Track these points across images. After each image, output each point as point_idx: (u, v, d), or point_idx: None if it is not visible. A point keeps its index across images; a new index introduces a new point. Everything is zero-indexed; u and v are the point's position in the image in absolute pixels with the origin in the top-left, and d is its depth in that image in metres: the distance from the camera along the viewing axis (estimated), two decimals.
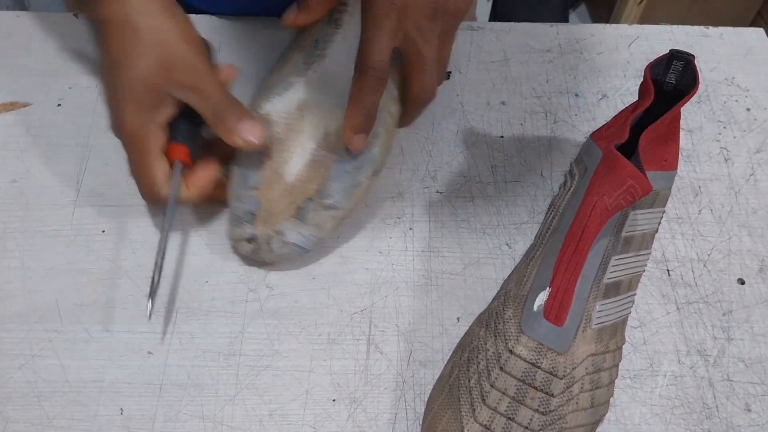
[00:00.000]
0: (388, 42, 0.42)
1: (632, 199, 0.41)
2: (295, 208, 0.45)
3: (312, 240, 0.46)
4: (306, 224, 0.45)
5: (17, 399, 0.43)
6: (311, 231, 0.45)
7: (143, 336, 0.46)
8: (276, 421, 0.43)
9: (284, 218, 0.45)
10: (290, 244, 0.45)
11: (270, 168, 0.45)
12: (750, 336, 0.48)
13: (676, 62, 0.47)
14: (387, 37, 0.41)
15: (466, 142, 0.56)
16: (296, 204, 0.45)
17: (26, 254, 0.49)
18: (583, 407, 0.41)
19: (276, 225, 0.45)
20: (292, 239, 0.45)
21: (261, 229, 0.45)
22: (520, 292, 0.43)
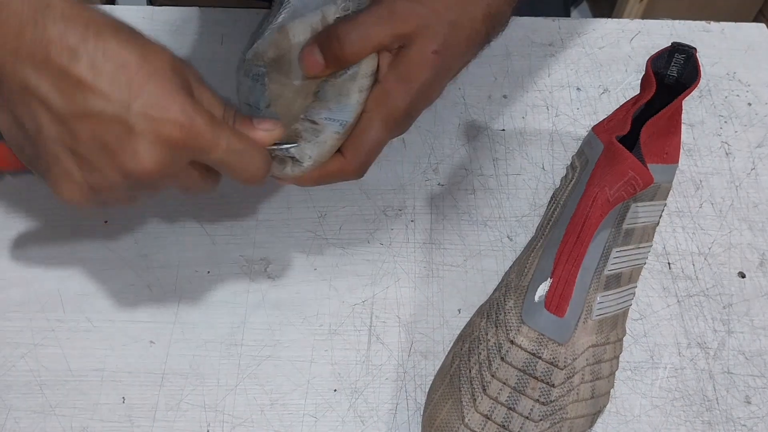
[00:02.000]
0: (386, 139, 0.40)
1: (633, 191, 0.41)
2: (312, 96, 0.42)
3: (341, 109, 0.41)
4: (328, 100, 0.41)
5: (19, 387, 0.44)
6: (336, 101, 0.41)
7: (145, 325, 0.46)
8: (277, 410, 0.43)
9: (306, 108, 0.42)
10: (323, 123, 0.41)
11: (274, 84, 0.43)
12: (750, 329, 0.48)
13: (678, 55, 0.47)
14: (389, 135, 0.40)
15: (468, 135, 0.56)
16: (312, 92, 0.42)
17: (29, 243, 0.49)
18: (584, 398, 0.41)
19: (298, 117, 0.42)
20: (322, 115, 0.41)
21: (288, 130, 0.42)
22: (521, 283, 0.43)
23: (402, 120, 0.40)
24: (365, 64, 0.40)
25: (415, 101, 0.40)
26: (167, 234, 0.50)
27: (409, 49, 0.39)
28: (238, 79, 0.44)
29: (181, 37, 0.60)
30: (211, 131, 0.34)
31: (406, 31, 0.38)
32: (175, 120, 0.33)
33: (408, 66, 0.39)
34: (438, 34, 0.38)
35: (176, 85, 0.33)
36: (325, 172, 0.41)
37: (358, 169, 0.41)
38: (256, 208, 0.51)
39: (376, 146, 0.40)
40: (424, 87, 0.39)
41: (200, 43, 0.60)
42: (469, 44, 0.40)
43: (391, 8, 0.39)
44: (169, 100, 0.33)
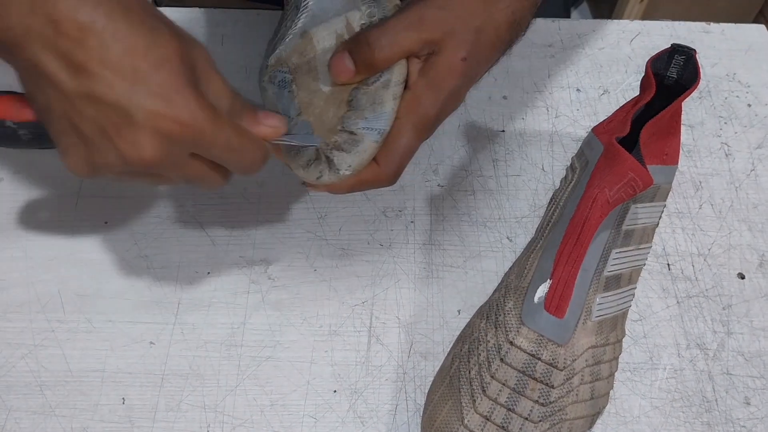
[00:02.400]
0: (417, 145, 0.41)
1: (633, 192, 0.41)
2: (345, 105, 0.42)
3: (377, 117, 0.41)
4: (363, 109, 0.41)
5: (20, 388, 0.44)
6: (371, 110, 0.41)
7: (145, 326, 0.46)
8: (277, 411, 0.43)
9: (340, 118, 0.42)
10: (361, 133, 0.40)
11: (303, 91, 0.43)
12: (749, 330, 0.48)
13: (678, 56, 0.47)
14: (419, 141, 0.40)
15: (468, 136, 0.56)
16: (344, 100, 0.42)
17: (29, 244, 0.49)
18: (583, 399, 0.41)
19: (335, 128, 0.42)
20: (359, 125, 0.40)
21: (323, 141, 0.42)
22: (520, 284, 0.43)
23: (432, 125, 0.41)
24: (397, 71, 0.40)
25: (444, 107, 0.40)
26: (167, 235, 0.50)
27: (438, 56, 0.39)
28: (261, 85, 0.44)
29: None
30: (212, 128, 0.34)
31: (435, 37, 0.39)
32: (176, 115, 0.32)
33: (437, 73, 0.39)
34: (465, 41, 0.39)
35: (182, 77, 0.33)
36: (360, 180, 0.41)
37: (391, 176, 0.41)
38: (256, 209, 0.51)
39: (408, 153, 0.41)
40: (452, 93, 0.40)
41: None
42: (493, 51, 0.41)
43: (421, 15, 0.39)
44: (172, 93, 0.32)
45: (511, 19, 0.41)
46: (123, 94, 0.31)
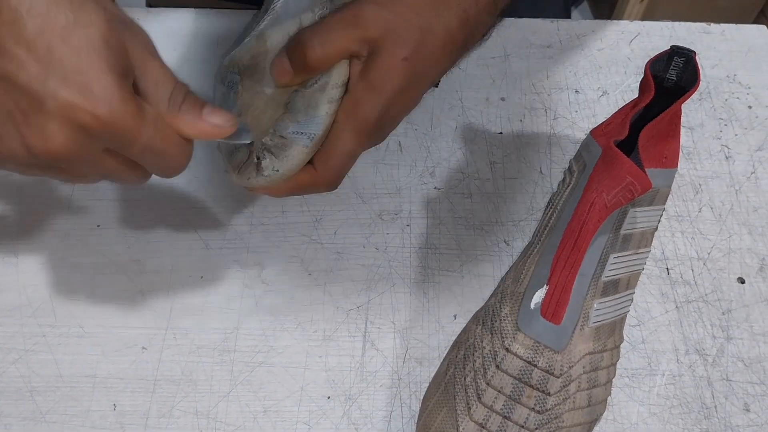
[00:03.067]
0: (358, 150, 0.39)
1: (631, 196, 0.40)
2: (283, 107, 0.41)
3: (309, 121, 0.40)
4: (297, 112, 0.40)
5: (10, 393, 0.43)
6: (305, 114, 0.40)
7: (137, 331, 0.46)
8: (270, 417, 0.43)
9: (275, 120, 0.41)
10: (290, 137, 0.39)
11: (246, 92, 0.42)
12: (749, 335, 0.47)
13: (677, 58, 0.46)
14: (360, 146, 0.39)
15: (465, 139, 0.56)
16: (283, 103, 0.41)
17: (21, 248, 0.49)
18: (580, 406, 0.40)
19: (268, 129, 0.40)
20: (290, 129, 0.39)
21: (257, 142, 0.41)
22: (517, 290, 0.42)
23: (374, 130, 0.39)
24: (335, 74, 0.38)
25: (386, 110, 0.38)
26: (160, 239, 0.49)
27: (377, 56, 0.37)
28: (214, 85, 0.43)
29: (177, 39, 0.60)
30: (132, 125, 0.30)
31: (371, 35, 0.37)
32: (93, 107, 0.29)
33: (377, 74, 0.37)
34: (408, 41, 0.37)
35: (105, 63, 0.29)
36: (296, 184, 0.40)
37: (329, 181, 0.40)
38: (250, 212, 0.51)
39: (347, 158, 0.39)
40: (395, 95, 0.38)
41: (196, 44, 0.60)
42: (444, 51, 0.39)
43: (356, 12, 0.37)
44: (91, 81, 0.29)
45: (463, 19, 0.39)
46: (35, 77, 0.28)
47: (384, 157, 0.54)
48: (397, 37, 0.37)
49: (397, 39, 0.37)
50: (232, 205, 0.51)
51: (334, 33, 0.37)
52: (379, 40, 0.37)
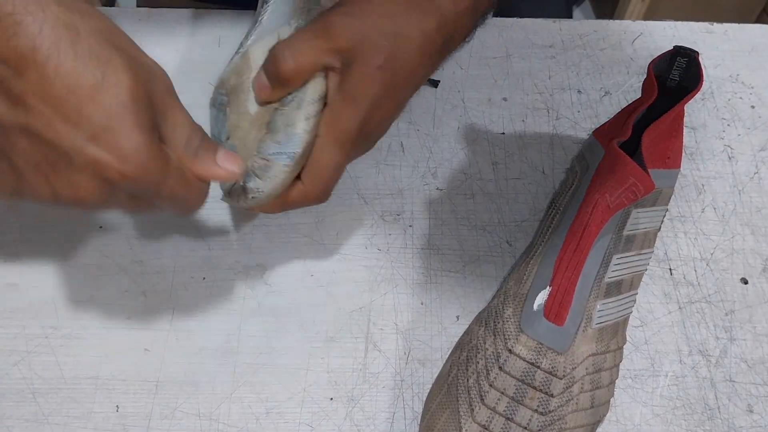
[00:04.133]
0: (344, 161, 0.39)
1: (634, 197, 0.40)
2: (265, 127, 0.41)
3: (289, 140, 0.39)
4: (277, 131, 0.40)
5: (12, 395, 0.43)
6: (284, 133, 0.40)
7: (139, 332, 0.46)
8: (273, 419, 0.43)
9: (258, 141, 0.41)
10: (272, 159, 0.39)
11: (234, 114, 0.42)
12: (753, 336, 0.47)
13: (680, 59, 0.46)
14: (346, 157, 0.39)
15: (467, 139, 0.56)
16: (265, 122, 0.41)
17: (23, 249, 0.48)
18: (583, 408, 0.40)
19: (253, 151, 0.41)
20: (271, 150, 0.39)
21: None
22: (519, 291, 0.42)
23: (357, 140, 0.39)
24: (311, 89, 0.38)
25: (367, 119, 0.38)
26: (162, 240, 0.49)
27: (351, 66, 0.37)
28: (209, 109, 0.43)
29: (178, 39, 0.60)
30: (158, 179, 0.31)
31: (342, 46, 0.37)
32: (121, 165, 0.30)
33: (352, 84, 0.37)
34: (380, 48, 0.37)
35: (132, 121, 0.30)
36: (287, 201, 0.40)
37: (318, 195, 0.40)
38: (252, 214, 0.51)
39: (333, 170, 0.39)
40: (374, 104, 0.37)
41: (197, 45, 0.60)
42: (422, 55, 0.38)
43: (326, 23, 0.37)
44: (119, 140, 0.29)
45: (440, 22, 0.38)
46: (64, 136, 0.29)
47: (386, 158, 0.54)
48: (370, 46, 0.37)
49: (370, 47, 0.37)
50: (234, 206, 0.51)
51: (305, 44, 0.37)
52: (352, 50, 0.37)
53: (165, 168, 0.32)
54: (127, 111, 0.29)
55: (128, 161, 0.30)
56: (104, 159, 0.29)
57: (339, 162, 0.39)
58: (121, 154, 0.29)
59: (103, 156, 0.29)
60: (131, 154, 0.30)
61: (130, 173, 0.30)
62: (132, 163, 0.30)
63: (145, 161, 0.30)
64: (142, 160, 0.30)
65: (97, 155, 0.29)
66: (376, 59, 0.37)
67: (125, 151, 0.29)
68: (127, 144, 0.29)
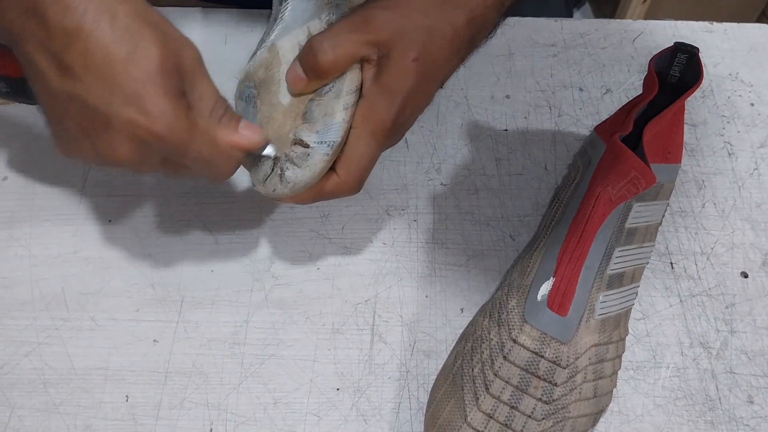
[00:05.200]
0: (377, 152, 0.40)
1: (636, 190, 0.41)
2: (301, 117, 0.41)
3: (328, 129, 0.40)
4: (315, 121, 0.40)
5: (23, 386, 0.44)
6: (323, 122, 0.40)
7: (148, 324, 0.46)
8: (280, 409, 0.43)
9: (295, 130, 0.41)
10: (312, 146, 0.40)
11: (265, 106, 0.43)
12: (753, 329, 0.48)
13: (681, 55, 0.47)
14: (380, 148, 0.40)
15: (471, 135, 0.56)
16: (300, 113, 0.41)
17: (33, 242, 0.49)
18: (586, 397, 0.41)
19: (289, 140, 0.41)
20: (312, 140, 0.40)
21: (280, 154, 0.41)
22: (523, 282, 0.43)
23: (391, 132, 0.40)
24: (348, 80, 0.39)
25: (401, 111, 0.39)
26: (171, 233, 0.50)
27: (388, 58, 0.38)
28: (234, 102, 0.44)
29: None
30: (185, 139, 0.34)
31: (381, 38, 0.38)
32: (151, 125, 0.33)
33: (389, 76, 0.38)
34: (416, 42, 0.38)
35: (160, 89, 0.33)
36: (321, 191, 0.41)
37: (354, 185, 0.41)
38: (259, 207, 0.51)
39: (368, 161, 0.40)
40: (409, 96, 0.39)
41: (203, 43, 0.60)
42: (452, 50, 0.40)
43: (365, 17, 0.38)
44: (149, 103, 0.33)
45: (469, 17, 0.39)
46: (102, 100, 0.33)
47: (391, 154, 0.55)
48: (406, 39, 0.38)
49: (406, 41, 0.38)
50: (241, 200, 0.52)
51: (344, 37, 0.38)
52: (389, 43, 0.38)
53: (191, 130, 0.35)
54: (154, 79, 0.33)
55: (156, 122, 0.33)
56: (135, 120, 0.33)
57: (374, 153, 0.40)
58: (150, 116, 0.33)
59: (134, 117, 0.33)
60: (158, 116, 0.33)
61: (158, 132, 0.33)
62: (159, 123, 0.33)
63: (172, 122, 0.34)
64: (168, 121, 0.33)
65: (129, 117, 0.33)
66: (411, 52, 0.38)
67: (153, 114, 0.33)
68: (155, 108, 0.33)
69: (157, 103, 0.33)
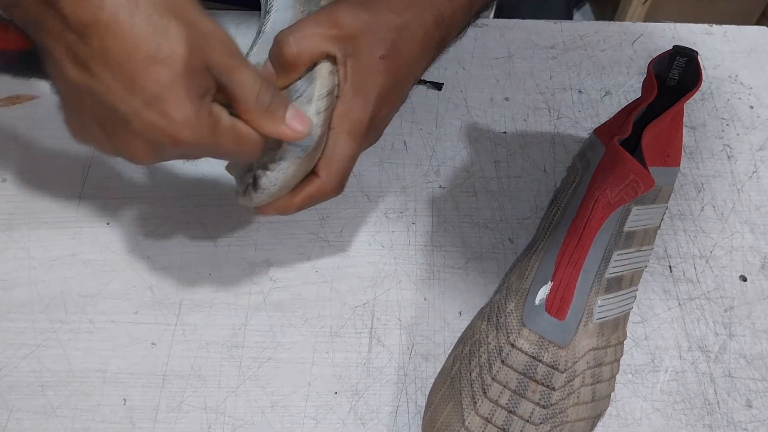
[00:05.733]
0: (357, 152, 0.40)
1: (635, 194, 0.41)
2: None
3: None
4: None
5: (21, 388, 0.44)
6: None
7: (147, 327, 0.46)
8: (278, 412, 0.43)
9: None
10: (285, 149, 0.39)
11: None
12: (751, 332, 0.48)
13: (680, 58, 0.47)
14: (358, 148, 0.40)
15: (470, 138, 0.56)
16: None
17: (32, 244, 0.49)
18: (584, 401, 0.41)
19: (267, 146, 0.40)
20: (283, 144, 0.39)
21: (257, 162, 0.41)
22: (522, 286, 0.43)
23: (368, 130, 0.40)
24: (319, 85, 0.39)
25: (376, 110, 0.39)
26: (169, 235, 0.50)
27: (356, 56, 0.38)
28: None
29: None
30: (208, 141, 0.33)
31: (346, 34, 0.38)
32: (173, 130, 0.31)
33: (359, 75, 0.39)
34: (383, 40, 0.38)
35: (183, 91, 0.31)
36: (306, 196, 0.40)
37: (336, 186, 0.41)
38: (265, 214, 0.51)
39: (348, 161, 0.40)
40: (381, 94, 0.39)
41: None
42: (423, 49, 0.40)
43: (332, 13, 0.38)
44: (171, 106, 0.31)
45: (438, 17, 0.40)
46: (121, 100, 0.31)
47: (389, 156, 0.55)
48: (373, 36, 0.38)
49: (374, 38, 0.38)
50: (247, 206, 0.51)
51: (309, 31, 0.38)
52: (355, 40, 0.38)
53: (215, 132, 0.33)
54: (179, 81, 0.31)
55: (179, 129, 0.31)
56: (156, 125, 0.31)
57: (354, 152, 0.40)
58: (172, 122, 0.31)
59: (155, 122, 0.31)
60: (181, 122, 0.31)
61: (181, 138, 0.32)
62: (182, 130, 0.31)
63: (196, 128, 0.32)
64: (192, 128, 0.32)
65: (150, 121, 0.31)
66: (379, 49, 0.38)
67: (176, 120, 0.31)
68: (178, 113, 0.31)
69: (181, 107, 0.31)
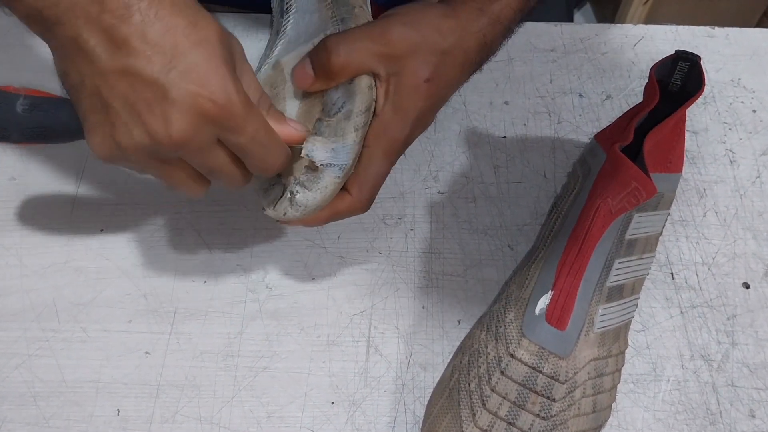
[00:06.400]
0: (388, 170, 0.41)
1: (636, 202, 0.40)
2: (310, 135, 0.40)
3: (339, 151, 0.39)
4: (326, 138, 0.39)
5: (13, 399, 0.43)
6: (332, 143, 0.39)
7: (141, 336, 0.46)
8: (274, 423, 0.43)
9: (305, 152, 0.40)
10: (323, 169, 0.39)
11: None
12: (755, 341, 0.47)
13: (682, 63, 0.46)
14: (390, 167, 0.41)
15: (469, 142, 0.56)
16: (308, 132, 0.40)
17: (24, 252, 0.48)
18: (585, 412, 0.40)
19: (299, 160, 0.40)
20: (320, 158, 0.39)
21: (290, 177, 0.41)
22: (521, 295, 0.42)
23: (401, 149, 0.40)
24: (358, 101, 0.38)
25: (412, 130, 0.40)
26: (164, 243, 0.49)
27: (401, 76, 0.38)
28: None
29: None
30: (244, 113, 0.33)
31: (395, 52, 0.38)
32: (212, 94, 0.32)
33: (402, 95, 0.39)
34: (429, 63, 0.38)
35: (220, 58, 0.33)
36: (334, 212, 0.40)
37: (365, 204, 0.41)
38: (254, 216, 0.51)
39: (380, 180, 0.40)
40: (419, 116, 0.39)
41: None
42: (461, 73, 0.41)
43: (384, 28, 0.38)
44: (210, 72, 0.32)
45: (481, 42, 0.40)
46: (161, 70, 0.32)
47: None
48: (420, 59, 0.38)
49: (420, 60, 0.38)
50: (235, 209, 0.51)
51: (360, 44, 0.38)
52: (403, 60, 0.38)
53: (250, 109, 0.34)
54: (213, 50, 0.33)
55: (216, 91, 0.32)
56: (197, 92, 0.32)
57: (386, 171, 0.40)
58: (211, 86, 0.32)
59: (194, 86, 0.32)
60: (219, 86, 0.32)
61: (218, 101, 0.32)
62: (220, 93, 0.32)
63: (231, 94, 0.33)
64: (228, 93, 0.33)
65: (190, 86, 0.32)
66: (424, 72, 0.38)
67: (214, 84, 0.32)
68: (215, 77, 0.32)
69: (219, 73, 0.32)
